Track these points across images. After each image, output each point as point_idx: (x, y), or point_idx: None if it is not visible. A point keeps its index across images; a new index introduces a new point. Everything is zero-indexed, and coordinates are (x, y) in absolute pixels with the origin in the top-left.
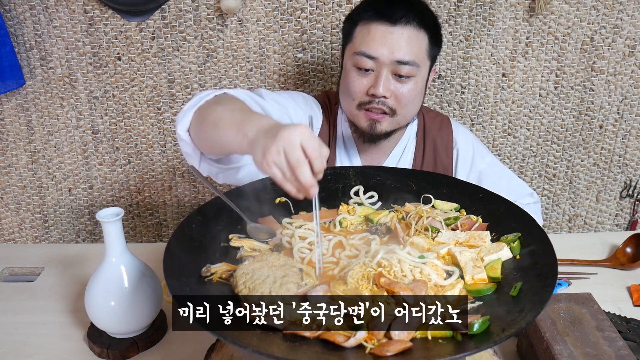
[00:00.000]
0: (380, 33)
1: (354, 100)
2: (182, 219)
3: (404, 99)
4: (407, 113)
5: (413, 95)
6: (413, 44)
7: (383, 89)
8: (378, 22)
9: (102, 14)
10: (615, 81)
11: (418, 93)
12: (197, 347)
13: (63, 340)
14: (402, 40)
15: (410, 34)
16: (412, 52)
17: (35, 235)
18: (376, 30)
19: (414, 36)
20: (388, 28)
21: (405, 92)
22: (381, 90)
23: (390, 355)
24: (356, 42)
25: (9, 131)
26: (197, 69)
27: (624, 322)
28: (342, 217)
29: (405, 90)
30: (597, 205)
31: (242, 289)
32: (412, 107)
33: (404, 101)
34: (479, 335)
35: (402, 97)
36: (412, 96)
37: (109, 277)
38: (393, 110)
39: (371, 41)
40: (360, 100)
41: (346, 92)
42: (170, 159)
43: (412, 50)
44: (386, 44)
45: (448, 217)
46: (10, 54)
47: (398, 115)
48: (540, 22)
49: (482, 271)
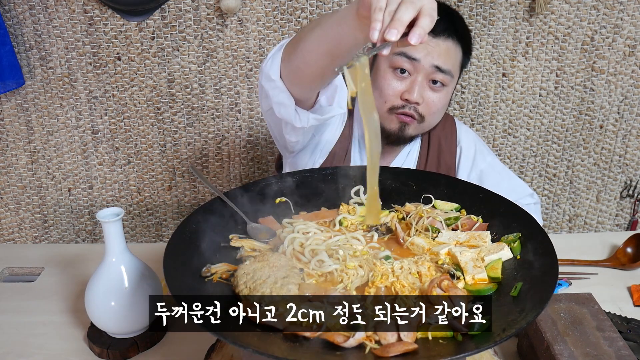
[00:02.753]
0: None
1: (386, 102)
2: (182, 219)
3: (434, 106)
4: (432, 121)
5: (442, 104)
6: (450, 56)
7: (417, 95)
8: None
9: (101, 13)
10: (615, 81)
11: (446, 103)
12: (197, 347)
13: (63, 340)
14: (443, 49)
15: (449, 46)
16: (449, 62)
17: (35, 235)
18: None
19: (452, 48)
20: (430, 37)
21: (436, 100)
22: (415, 96)
23: (392, 356)
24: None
25: (9, 131)
26: (197, 69)
27: (625, 322)
28: (342, 217)
29: (436, 99)
30: (597, 205)
31: (243, 289)
32: (438, 115)
33: (434, 109)
34: (479, 335)
35: (433, 105)
36: (442, 105)
37: (109, 277)
38: (422, 116)
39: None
40: (393, 104)
41: (377, 93)
42: (170, 159)
43: (449, 60)
44: (427, 49)
45: (448, 217)
46: (9, 53)
47: (425, 122)
48: (541, 22)
49: (482, 271)
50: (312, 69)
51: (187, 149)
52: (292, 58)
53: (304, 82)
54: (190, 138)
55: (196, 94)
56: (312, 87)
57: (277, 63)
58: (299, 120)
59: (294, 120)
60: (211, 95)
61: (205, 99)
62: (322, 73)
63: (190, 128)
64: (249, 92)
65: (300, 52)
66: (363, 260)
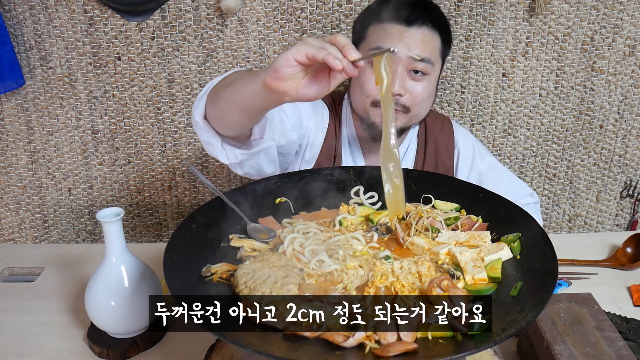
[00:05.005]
0: (396, 31)
1: (368, 97)
2: (182, 219)
3: (418, 96)
4: (420, 111)
5: (427, 94)
6: (428, 43)
7: (399, 87)
8: (393, 23)
9: (102, 13)
10: (615, 81)
11: (431, 92)
12: (197, 347)
13: (63, 340)
14: (418, 39)
15: (425, 33)
16: (427, 50)
17: (35, 235)
18: (392, 29)
19: (428, 36)
20: (404, 28)
21: (419, 90)
22: (397, 87)
23: (392, 355)
24: (371, 40)
25: (9, 131)
26: (197, 69)
27: (624, 322)
28: (342, 217)
29: (419, 89)
30: (597, 205)
31: (243, 289)
32: (425, 105)
33: (419, 99)
34: (479, 335)
35: (417, 95)
36: (426, 94)
37: (109, 277)
38: (407, 108)
39: (387, 37)
40: (375, 98)
41: (360, 89)
42: (170, 159)
43: (427, 48)
44: (403, 41)
45: (448, 217)
46: (10, 53)
47: (412, 112)
48: (541, 22)
49: (482, 271)
50: (231, 121)
51: (187, 149)
52: (213, 109)
53: (229, 129)
54: (190, 138)
55: (196, 94)
56: (239, 130)
57: (201, 106)
58: (227, 157)
59: (221, 156)
60: None
61: None
62: (241, 124)
63: (190, 128)
64: None
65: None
66: (363, 260)
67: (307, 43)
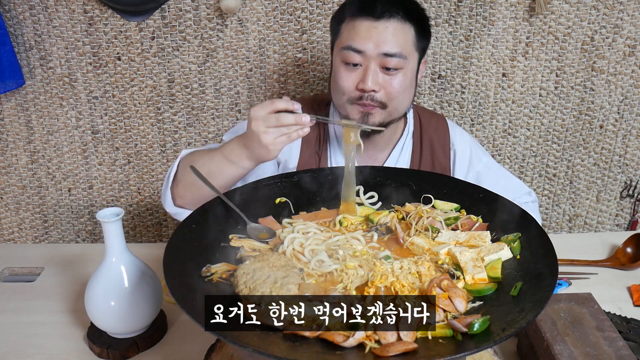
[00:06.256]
0: (364, 27)
1: (344, 95)
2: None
3: (393, 91)
4: (398, 105)
5: (403, 88)
6: (399, 37)
7: (372, 83)
8: (362, 18)
9: (101, 13)
10: (615, 81)
11: (408, 85)
12: (197, 347)
13: (63, 340)
14: (387, 33)
15: (395, 27)
16: (398, 45)
17: (35, 235)
18: (360, 25)
19: (399, 29)
20: (372, 23)
21: (394, 84)
22: (369, 84)
23: (392, 355)
24: (343, 38)
25: (9, 131)
26: (197, 69)
27: (624, 322)
28: (342, 217)
29: (394, 83)
30: (597, 205)
31: (243, 289)
32: (403, 99)
33: (394, 94)
34: (479, 335)
35: (392, 90)
36: (402, 88)
37: (109, 277)
38: (384, 103)
39: (356, 35)
40: (350, 95)
41: (336, 88)
42: (170, 159)
43: (398, 42)
44: (372, 38)
45: (448, 217)
46: (9, 53)
47: (390, 107)
48: (541, 22)
49: (482, 271)
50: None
51: (187, 149)
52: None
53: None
54: (190, 138)
55: (196, 94)
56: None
57: (169, 198)
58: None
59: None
60: (211, 95)
61: (205, 99)
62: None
63: (190, 128)
64: (249, 92)
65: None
66: (363, 260)
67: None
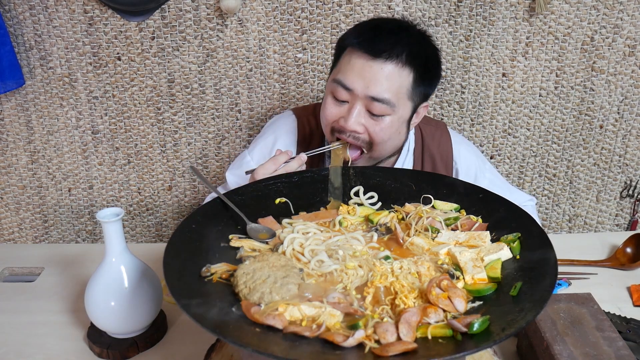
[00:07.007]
0: (359, 65)
1: (327, 125)
2: (182, 219)
3: (377, 137)
4: (382, 150)
5: (388, 135)
6: (392, 82)
7: (353, 123)
8: (360, 53)
9: (102, 13)
10: (615, 81)
11: (394, 132)
12: (197, 347)
13: (63, 340)
14: (381, 75)
15: (391, 70)
16: (389, 90)
17: (35, 235)
18: (356, 61)
19: (395, 73)
20: (368, 61)
21: (378, 130)
22: (351, 124)
23: (391, 355)
24: (337, 69)
25: (9, 131)
26: (197, 69)
27: (624, 322)
28: (342, 217)
29: (378, 129)
30: (597, 205)
31: (243, 289)
32: (389, 143)
33: (377, 139)
34: (479, 334)
35: (375, 135)
36: (387, 135)
37: (109, 277)
38: (369, 144)
39: (349, 72)
40: (333, 126)
41: (322, 115)
42: (170, 159)
43: (390, 87)
44: (363, 78)
45: (448, 217)
46: (10, 53)
47: (374, 150)
48: (541, 22)
49: (482, 271)
50: None
51: (187, 149)
52: None
53: None
54: (190, 138)
55: (196, 94)
56: None
57: None
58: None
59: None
60: (211, 95)
61: (205, 99)
62: None
63: (190, 128)
64: (249, 92)
65: None
66: (363, 260)
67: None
